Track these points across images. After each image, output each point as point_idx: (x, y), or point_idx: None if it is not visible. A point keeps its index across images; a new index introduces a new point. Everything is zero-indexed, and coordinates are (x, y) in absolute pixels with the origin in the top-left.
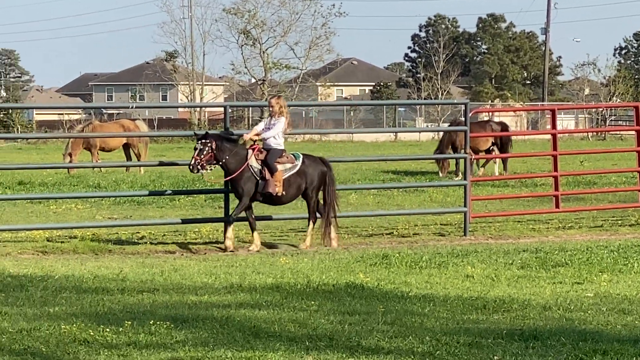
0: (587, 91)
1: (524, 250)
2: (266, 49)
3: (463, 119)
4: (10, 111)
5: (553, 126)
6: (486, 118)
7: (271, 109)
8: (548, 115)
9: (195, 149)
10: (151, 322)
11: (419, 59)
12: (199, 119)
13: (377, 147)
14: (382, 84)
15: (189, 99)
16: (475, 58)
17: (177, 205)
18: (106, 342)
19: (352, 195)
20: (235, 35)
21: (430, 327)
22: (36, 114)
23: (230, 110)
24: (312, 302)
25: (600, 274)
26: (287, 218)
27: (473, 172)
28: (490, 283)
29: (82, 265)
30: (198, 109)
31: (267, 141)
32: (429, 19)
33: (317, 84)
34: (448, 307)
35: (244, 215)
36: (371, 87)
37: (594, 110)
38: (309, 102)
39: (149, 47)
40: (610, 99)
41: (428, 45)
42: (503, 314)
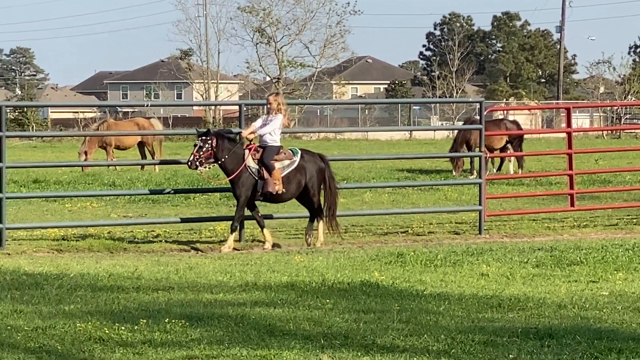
0: (602, 89)
1: (539, 249)
2: (281, 47)
3: (477, 117)
4: (25, 109)
5: (568, 124)
6: (501, 116)
7: (269, 105)
8: (563, 114)
9: (195, 145)
10: (166, 320)
11: (434, 57)
12: (214, 117)
13: (392, 145)
14: (396, 82)
15: (204, 97)
16: (490, 56)
17: (192, 204)
18: (121, 340)
19: (367, 194)
20: (250, 33)
21: (445, 326)
22: (51, 112)
23: (245, 108)
24: (327, 301)
25: (615, 272)
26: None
27: (488, 170)
28: (505, 281)
29: (97, 263)
30: (213, 107)
31: (264, 138)
32: (443, 17)
33: (331, 82)
34: (463, 305)
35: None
36: (386, 86)
37: (608, 108)
38: (324, 100)
39: (164, 45)
40: (625, 97)
41: (443, 43)
42: (518, 312)
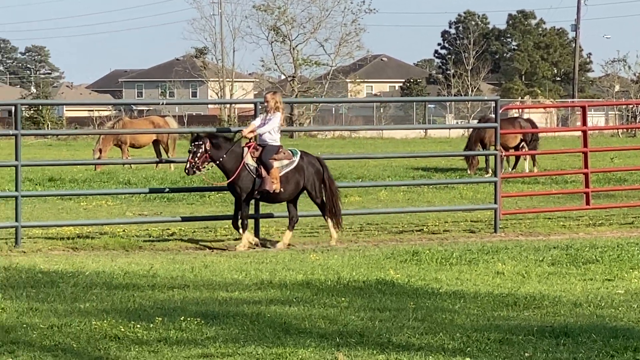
0: (617, 88)
1: (554, 247)
2: (296, 46)
3: (492, 115)
4: (41, 107)
5: (583, 123)
6: (515, 115)
7: (266, 104)
8: (578, 112)
9: (189, 151)
10: (182, 319)
11: (449, 56)
12: (229, 116)
13: (407, 143)
14: (411, 80)
15: (219, 95)
16: (505, 55)
17: (207, 202)
18: (137, 338)
19: (383, 192)
20: (265, 31)
21: (460, 324)
22: (66, 110)
23: (260, 106)
24: (342, 299)
25: (631, 270)
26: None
27: (503, 169)
28: (521, 280)
29: (113, 261)
30: (228, 106)
31: (263, 137)
32: (458, 15)
33: (346, 80)
34: (479, 303)
35: (267, 212)
36: (401, 84)
37: (624, 107)
38: (339, 98)
39: (179, 44)
40: None
41: (458, 41)
42: (534, 310)
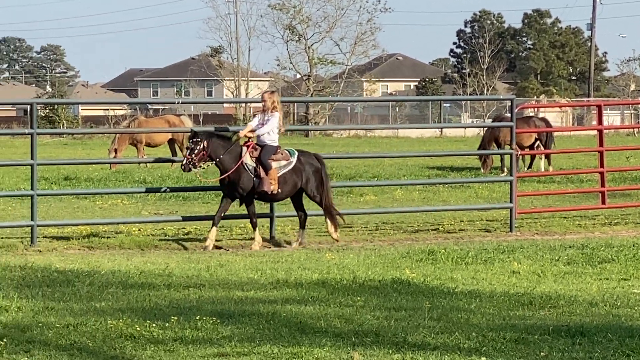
0: (632, 87)
1: (570, 247)
2: (311, 45)
3: (507, 114)
4: (56, 106)
5: (599, 122)
6: (531, 114)
7: (264, 104)
8: (594, 111)
9: (187, 148)
10: (197, 318)
11: (464, 55)
12: (244, 115)
13: (423, 142)
14: (427, 79)
15: (234, 94)
16: (520, 54)
17: None
18: (152, 338)
19: (398, 191)
20: (281, 30)
21: (476, 323)
22: (82, 109)
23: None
24: (358, 298)
25: None
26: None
27: (518, 168)
28: (537, 279)
29: (128, 260)
30: (243, 105)
31: (262, 137)
32: (474, 14)
33: (362, 79)
34: (494, 303)
35: (288, 212)
36: (416, 83)
37: (639, 106)
38: (354, 97)
39: (195, 43)
40: None
41: (473, 40)
42: (549, 310)
